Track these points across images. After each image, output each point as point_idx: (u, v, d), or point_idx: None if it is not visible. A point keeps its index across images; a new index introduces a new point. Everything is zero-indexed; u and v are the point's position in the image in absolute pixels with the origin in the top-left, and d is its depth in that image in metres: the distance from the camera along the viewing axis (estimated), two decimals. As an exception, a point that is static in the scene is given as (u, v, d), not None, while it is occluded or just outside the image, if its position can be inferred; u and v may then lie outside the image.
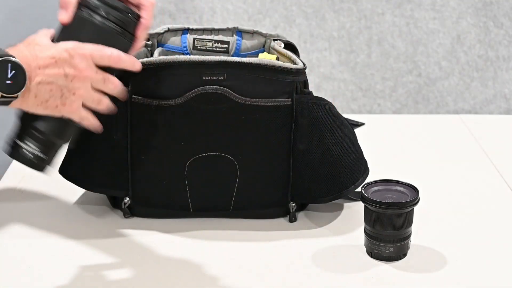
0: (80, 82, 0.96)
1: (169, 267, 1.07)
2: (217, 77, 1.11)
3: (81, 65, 0.96)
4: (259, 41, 1.27)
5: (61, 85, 0.94)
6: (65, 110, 0.96)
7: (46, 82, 0.93)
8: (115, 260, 1.09)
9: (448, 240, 1.14)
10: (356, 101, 1.99)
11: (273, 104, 1.13)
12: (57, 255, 1.10)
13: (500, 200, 1.27)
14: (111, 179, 1.16)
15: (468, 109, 1.99)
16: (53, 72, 0.94)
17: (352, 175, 1.17)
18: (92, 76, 0.97)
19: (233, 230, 1.17)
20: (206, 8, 1.94)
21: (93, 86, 0.98)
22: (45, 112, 0.96)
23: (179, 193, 1.16)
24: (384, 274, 1.06)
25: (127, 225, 1.18)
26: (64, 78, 0.94)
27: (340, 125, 1.17)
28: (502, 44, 1.95)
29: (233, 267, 1.07)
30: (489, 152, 1.45)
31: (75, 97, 0.96)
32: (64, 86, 0.95)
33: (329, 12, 1.94)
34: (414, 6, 1.94)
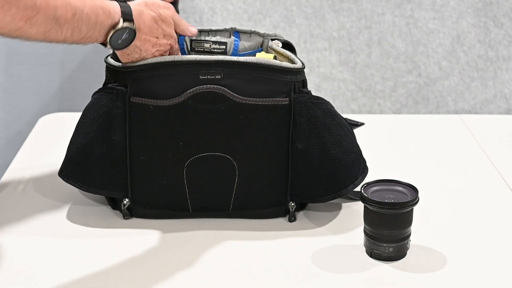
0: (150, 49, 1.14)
1: (168, 267, 1.07)
2: (214, 76, 1.11)
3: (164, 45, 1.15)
4: (257, 41, 1.27)
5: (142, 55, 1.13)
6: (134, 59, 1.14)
7: (138, 47, 1.12)
8: (115, 260, 1.09)
9: (447, 240, 1.14)
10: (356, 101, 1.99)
11: (271, 103, 1.13)
12: (57, 256, 1.10)
13: (500, 200, 1.27)
14: (110, 180, 1.16)
15: (468, 109, 1.99)
16: (148, 47, 1.13)
17: (351, 174, 1.17)
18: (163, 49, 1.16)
19: (232, 230, 1.17)
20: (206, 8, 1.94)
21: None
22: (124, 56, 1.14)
23: (178, 194, 1.16)
24: (384, 274, 1.06)
25: (127, 226, 1.18)
26: (149, 53, 1.14)
27: (339, 124, 1.17)
28: (502, 44, 1.95)
29: (233, 267, 1.07)
30: (489, 152, 1.45)
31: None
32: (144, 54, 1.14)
33: (329, 12, 1.94)
34: (414, 6, 1.94)
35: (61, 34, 1.01)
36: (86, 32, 1.04)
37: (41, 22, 0.97)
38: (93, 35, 1.05)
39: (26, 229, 1.17)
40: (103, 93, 1.15)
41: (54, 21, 0.98)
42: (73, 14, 1.00)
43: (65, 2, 0.99)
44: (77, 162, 1.17)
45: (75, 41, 1.04)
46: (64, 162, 1.19)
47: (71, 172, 1.18)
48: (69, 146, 1.19)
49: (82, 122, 1.18)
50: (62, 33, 1.01)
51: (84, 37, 1.04)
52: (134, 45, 1.11)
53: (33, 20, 0.96)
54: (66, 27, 1.00)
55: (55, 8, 0.98)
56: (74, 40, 1.03)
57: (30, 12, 0.95)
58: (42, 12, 0.96)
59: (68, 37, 1.02)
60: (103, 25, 1.05)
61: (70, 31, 1.01)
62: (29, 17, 0.95)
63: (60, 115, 1.64)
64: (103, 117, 1.15)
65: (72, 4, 1.00)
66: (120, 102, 1.13)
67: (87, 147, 1.16)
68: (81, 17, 1.02)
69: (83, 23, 1.02)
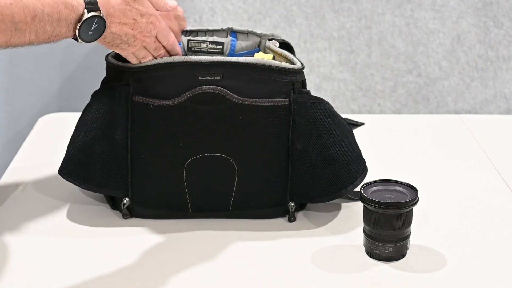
0: (138, 43, 1.11)
1: (168, 268, 1.07)
2: (213, 77, 1.12)
3: (148, 35, 1.11)
4: (254, 41, 1.27)
5: (124, 40, 1.10)
6: (128, 51, 1.12)
7: (115, 33, 1.08)
8: (115, 260, 1.09)
9: (447, 240, 1.14)
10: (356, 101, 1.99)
11: (271, 104, 1.13)
12: (57, 255, 1.10)
13: (500, 200, 1.27)
14: (110, 179, 1.17)
15: (468, 109, 1.99)
16: (126, 30, 1.09)
17: (351, 175, 1.17)
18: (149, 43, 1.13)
19: (232, 230, 1.17)
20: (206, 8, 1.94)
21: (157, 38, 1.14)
22: (111, 48, 1.12)
23: (178, 194, 1.16)
24: (384, 274, 1.06)
25: (127, 226, 1.18)
26: (131, 37, 1.10)
27: (338, 124, 1.17)
28: (502, 44, 1.95)
29: (232, 267, 1.07)
30: (489, 152, 1.45)
31: (126, 51, 1.11)
32: (125, 41, 1.10)
33: (329, 12, 1.94)
34: (414, 6, 1.94)
35: (24, 38, 0.99)
36: (52, 31, 1.01)
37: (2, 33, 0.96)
38: (60, 32, 1.02)
39: (26, 229, 1.17)
40: (105, 91, 1.15)
41: (14, 28, 0.97)
42: (33, 17, 0.98)
43: (22, 6, 0.97)
44: (78, 160, 1.17)
45: (42, 41, 1.02)
46: (64, 160, 1.19)
47: (72, 170, 1.18)
48: (70, 143, 1.19)
49: (84, 119, 1.18)
50: (25, 38, 0.99)
51: (51, 36, 1.02)
52: (111, 32, 1.07)
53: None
54: (28, 31, 0.98)
55: (12, 16, 0.96)
56: (41, 41, 1.01)
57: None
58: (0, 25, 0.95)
59: (33, 40, 1.00)
60: (67, 20, 1.02)
61: (34, 34, 0.99)
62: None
63: (60, 115, 1.64)
64: (105, 115, 1.15)
65: (30, 7, 0.98)
66: (123, 101, 1.13)
67: (88, 144, 1.16)
68: (42, 17, 0.99)
69: (45, 23, 1.00)
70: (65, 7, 1.02)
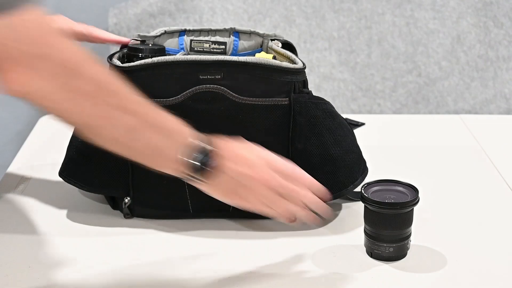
0: (257, 185, 1.00)
1: (169, 268, 1.07)
2: (214, 76, 1.12)
3: (270, 176, 1.00)
4: (257, 41, 1.27)
5: (243, 184, 1.00)
6: (240, 201, 1.02)
7: (229, 175, 0.99)
8: (115, 260, 1.09)
9: (448, 240, 1.14)
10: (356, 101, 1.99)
11: (271, 103, 1.13)
12: (57, 255, 1.10)
13: (500, 200, 1.27)
14: (111, 180, 1.17)
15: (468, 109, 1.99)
16: (240, 170, 0.99)
17: (351, 175, 1.17)
18: (270, 180, 1.00)
19: (233, 230, 1.17)
20: (206, 8, 1.94)
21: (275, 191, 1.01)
22: (223, 197, 1.02)
23: (179, 194, 1.16)
24: (384, 274, 1.06)
25: (127, 225, 1.18)
26: (246, 177, 0.99)
27: (339, 124, 1.17)
28: (502, 44, 1.95)
29: (233, 267, 1.07)
30: (489, 152, 1.45)
31: (251, 196, 1.01)
32: (244, 185, 1.00)
33: (329, 12, 1.94)
34: (414, 6, 1.94)
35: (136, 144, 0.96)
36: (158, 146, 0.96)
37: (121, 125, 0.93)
38: (168, 157, 0.97)
39: (26, 229, 1.17)
40: None
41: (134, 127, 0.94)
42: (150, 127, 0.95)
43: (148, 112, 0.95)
44: (78, 162, 1.17)
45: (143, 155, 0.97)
46: (64, 162, 1.19)
47: (72, 172, 1.18)
48: (69, 146, 1.19)
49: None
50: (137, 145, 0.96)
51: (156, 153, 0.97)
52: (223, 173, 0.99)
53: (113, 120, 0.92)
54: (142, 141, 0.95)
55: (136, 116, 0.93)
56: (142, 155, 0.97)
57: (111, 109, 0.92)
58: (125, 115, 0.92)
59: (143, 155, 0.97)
60: (180, 148, 0.97)
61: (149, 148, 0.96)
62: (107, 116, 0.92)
63: (60, 115, 1.64)
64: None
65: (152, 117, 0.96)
66: None
67: (87, 147, 1.16)
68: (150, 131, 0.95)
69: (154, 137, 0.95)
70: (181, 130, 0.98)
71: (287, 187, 1.01)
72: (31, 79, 0.87)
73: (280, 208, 1.02)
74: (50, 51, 0.87)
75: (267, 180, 1.00)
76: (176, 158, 0.97)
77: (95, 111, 0.91)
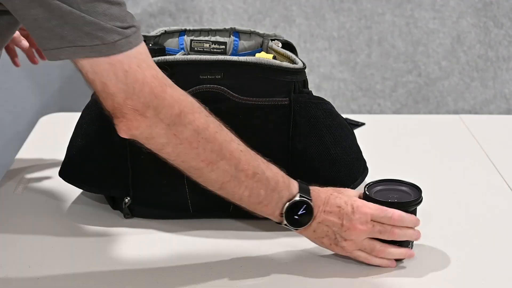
0: (353, 234, 1.04)
1: (169, 267, 1.07)
2: (214, 76, 1.11)
3: (359, 221, 1.03)
4: (257, 41, 1.27)
5: (336, 231, 1.04)
6: (337, 249, 1.06)
7: (324, 224, 1.04)
8: (115, 260, 1.09)
9: (448, 240, 1.14)
10: (356, 101, 1.99)
11: (271, 103, 1.13)
12: (57, 255, 1.10)
13: (500, 200, 1.27)
14: (111, 180, 1.16)
15: (468, 109, 1.99)
16: (333, 219, 1.03)
17: (351, 175, 1.17)
18: (367, 231, 1.04)
19: (233, 230, 1.16)
20: (206, 8, 1.94)
21: (369, 237, 1.05)
22: (321, 245, 1.06)
23: (179, 194, 1.16)
24: (384, 274, 1.06)
25: (127, 225, 1.18)
26: (340, 227, 1.03)
27: (339, 124, 1.17)
28: (502, 44, 1.96)
29: (233, 267, 1.07)
30: (489, 152, 1.45)
31: (346, 243, 1.04)
32: (338, 232, 1.04)
33: (329, 12, 1.94)
34: (414, 6, 1.94)
35: (238, 190, 0.99)
36: (264, 198, 1.01)
37: (222, 170, 0.98)
38: (270, 203, 1.01)
39: (26, 229, 1.17)
40: None
41: (235, 173, 0.98)
42: (254, 173, 0.99)
43: (249, 159, 0.99)
44: (78, 162, 1.17)
45: (250, 204, 1.01)
46: (64, 163, 1.19)
47: (72, 172, 1.18)
48: (69, 146, 1.19)
49: (81, 122, 1.18)
50: (239, 189, 0.99)
51: (261, 202, 1.01)
52: (318, 223, 1.03)
53: (214, 166, 0.97)
54: (245, 184, 0.99)
55: (238, 161, 0.98)
56: (250, 203, 1.01)
57: (215, 156, 0.97)
58: (225, 160, 0.97)
59: (246, 196, 1.00)
60: (280, 194, 1.01)
61: (248, 191, 1.00)
62: (211, 161, 0.97)
63: (60, 115, 1.64)
64: (102, 117, 1.14)
65: (255, 163, 1.00)
66: None
67: (87, 147, 1.16)
68: (262, 178, 1.00)
69: (262, 186, 1.00)
70: (283, 181, 1.02)
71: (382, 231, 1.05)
72: (142, 125, 0.95)
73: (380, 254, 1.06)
74: (161, 102, 0.94)
75: (366, 232, 1.04)
76: (274, 212, 1.03)
77: (198, 156, 0.97)
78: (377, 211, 1.04)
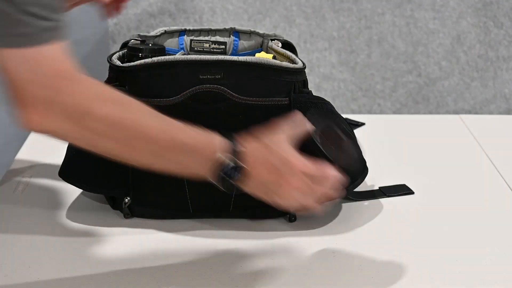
0: (287, 191, 1.01)
1: (169, 267, 1.07)
2: (214, 76, 1.12)
3: (294, 180, 1.00)
4: (257, 41, 1.27)
5: (270, 188, 1.00)
6: (272, 202, 1.02)
7: (260, 181, 1.00)
8: (115, 260, 1.09)
9: (447, 240, 1.14)
10: (356, 101, 1.99)
11: (271, 103, 1.13)
12: (57, 255, 1.10)
13: (500, 200, 1.27)
14: (111, 179, 1.17)
15: (468, 109, 1.99)
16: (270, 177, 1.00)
17: (351, 175, 1.17)
18: (300, 188, 1.01)
19: (233, 230, 1.17)
20: (206, 8, 1.95)
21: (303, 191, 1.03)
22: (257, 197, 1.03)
23: (179, 194, 1.16)
24: (384, 274, 1.06)
25: (127, 225, 1.18)
26: (274, 182, 1.00)
27: (339, 124, 1.17)
28: (502, 44, 1.96)
29: (233, 267, 1.07)
30: (489, 152, 1.45)
31: (279, 199, 1.01)
32: (272, 189, 1.01)
33: (329, 12, 1.94)
34: (414, 6, 1.94)
35: (164, 164, 0.98)
36: (190, 164, 0.99)
37: (141, 153, 0.97)
38: (197, 167, 0.99)
39: (26, 229, 1.17)
40: None
41: (156, 150, 0.97)
42: (174, 145, 0.97)
43: (166, 131, 0.97)
44: (77, 162, 1.17)
45: (178, 173, 1.00)
46: (64, 162, 1.19)
47: (72, 172, 1.18)
48: (69, 146, 1.19)
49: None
50: (164, 163, 0.98)
51: (188, 168, 1.00)
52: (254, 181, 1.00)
53: (133, 151, 0.96)
54: (167, 158, 0.98)
55: (156, 139, 0.96)
56: (178, 172, 1.00)
57: (132, 142, 0.95)
58: (143, 143, 0.96)
59: (172, 168, 0.99)
60: (207, 157, 0.99)
61: (174, 163, 0.98)
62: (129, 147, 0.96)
63: (60, 115, 1.64)
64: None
65: (173, 134, 0.98)
66: None
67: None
68: (183, 147, 0.98)
69: (185, 153, 0.98)
70: (207, 143, 0.99)
71: (313, 190, 1.02)
72: (47, 120, 0.92)
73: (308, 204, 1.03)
74: (61, 96, 0.92)
75: (295, 186, 1.01)
76: (206, 173, 1.00)
77: (116, 145, 0.96)
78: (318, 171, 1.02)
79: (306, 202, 1.02)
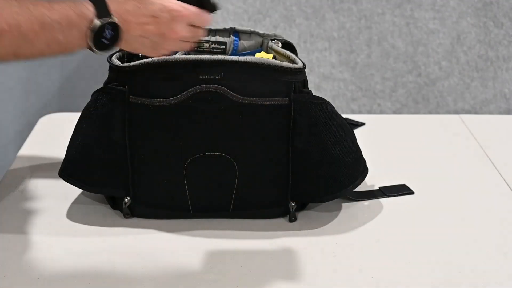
0: (172, 41, 1.04)
1: (169, 267, 1.07)
2: (214, 76, 1.12)
3: (178, 28, 1.03)
4: (257, 41, 1.27)
5: (155, 41, 1.03)
6: (153, 55, 1.06)
7: (141, 35, 1.02)
8: (115, 260, 1.09)
9: (447, 240, 1.14)
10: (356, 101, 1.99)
11: (271, 103, 1.13)
12: (57, 255, 1.10)
13: (500, 200, 1.27)
14: (111, 179, 1.17)
15: (468, 109, 1.99)
16: (151, 29, 1.02)
17: (351, 175, 1.17)
18: (185, 35, 1.05)
19: (233, 230, 1.17)
20: (206, 8, 1.94)
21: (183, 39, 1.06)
22: (139, 53, 1.06)
23: (179, 193, 1.16)
24: (384, 274, 1.06)
25: (127, 226, 1.18)
26: (159, 36, 1.03)
27: (339, 124, 1.17)
28: (502, 44, 1.96)
29: (233, 267, 1.07)
30: (489, 152, 1.45)
31: (165, 50, 1.05)
32: (157, 42, 1.03)
33: (329, 12, 1.94)
34: (414, 6, 1.94)
35: (34, 49, 0.95)
36: (65, 40, 0.96)
37: (9, 44, 0.93)
38: (73, 41, 0.97)
39: (26, 229, 1.17)
40: (101, 93, 1.15)
41: (22, 38, 0.93)
42: (42, 25, 0.94)
43: (28, 14, 0.93)
44: (78, 162, 1.17)
45: (55, 52, 0.97)
46: (64, 162, 1.19)
47: (72, 172, 1.18)
48: (69, 146, 1.19)
49: (81, 122, 1.18)
50: (35, 48, 0.95)
51: (64, 45, 0.97)
52: (134, 36, 1.01)
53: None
54: (38, 41, 0.94)
55: (18, 25, 0.92)
56: (53, 52, 0.97)
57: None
58: (5, 34, 0.92)
59: (45, 50, 0.96)
60: (79, 28, 0.96)
61: (45, 43, 0.95)
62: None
63: (60, 115, 1.64)
64: (102, 117, 1.15)
65: (37, 15, 0.93)
66: (119, 102, 1.13)
67: (87, 147, 1.16)
68: (52, 25, 0.94)
69: (56, 31, 0.95)
70: (76, 14, 0.96)
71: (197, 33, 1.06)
72: None
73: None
74: None
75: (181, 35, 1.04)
76: (82, 44, 0.98)
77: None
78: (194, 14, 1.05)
79: (190, 46, 1.06)
